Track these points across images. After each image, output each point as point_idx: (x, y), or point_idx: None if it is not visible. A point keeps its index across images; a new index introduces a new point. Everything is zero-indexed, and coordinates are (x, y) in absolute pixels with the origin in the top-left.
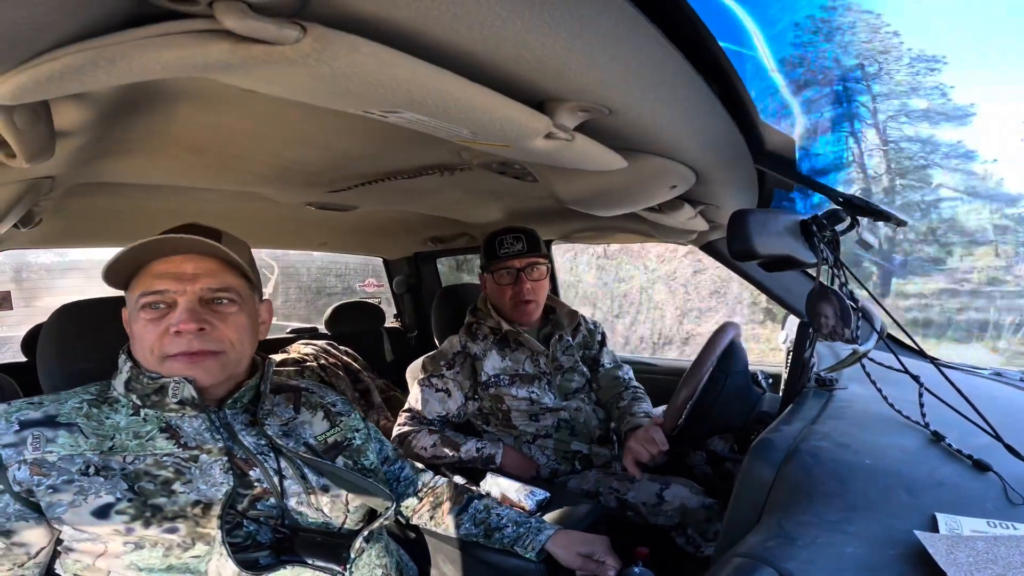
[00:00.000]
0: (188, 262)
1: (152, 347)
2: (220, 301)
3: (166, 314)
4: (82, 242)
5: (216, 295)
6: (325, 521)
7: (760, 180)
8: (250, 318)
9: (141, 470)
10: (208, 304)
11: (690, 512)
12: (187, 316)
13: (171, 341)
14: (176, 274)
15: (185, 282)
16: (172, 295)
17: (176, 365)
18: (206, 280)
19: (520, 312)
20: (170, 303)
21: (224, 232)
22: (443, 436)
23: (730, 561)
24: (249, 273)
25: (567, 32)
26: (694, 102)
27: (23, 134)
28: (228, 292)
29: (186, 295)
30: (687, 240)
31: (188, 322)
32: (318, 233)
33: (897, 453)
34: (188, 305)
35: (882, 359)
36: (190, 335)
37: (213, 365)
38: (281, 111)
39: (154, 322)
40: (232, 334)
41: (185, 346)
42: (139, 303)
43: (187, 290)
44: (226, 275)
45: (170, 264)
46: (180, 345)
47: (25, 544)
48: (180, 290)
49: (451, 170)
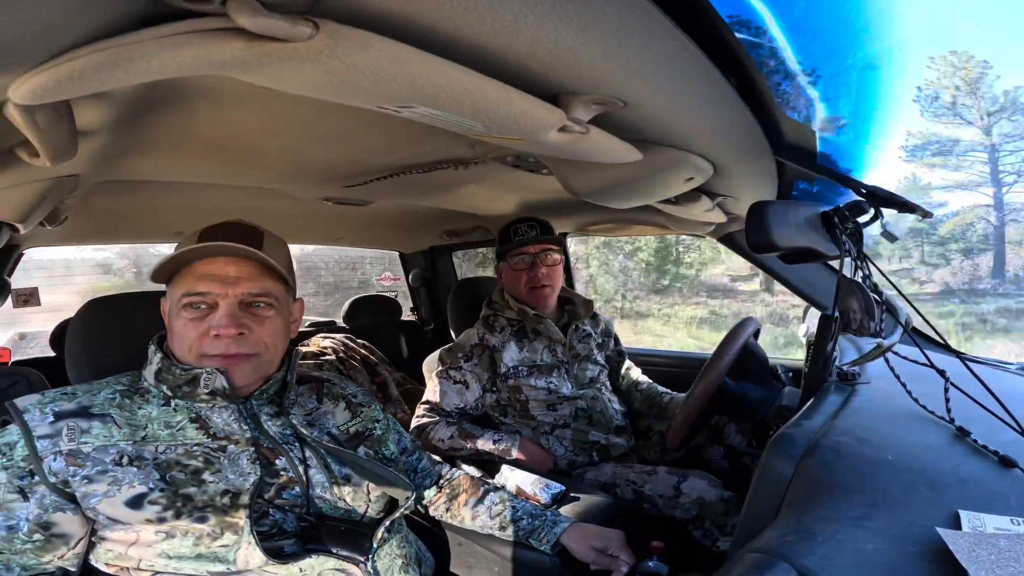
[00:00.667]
0: (231, 265)
1: (191, 345)
2: (258, 305)
3: (207, 315)
4: (106, 239)
5: (255, 299)
6: (347, 510)
7: (779, 171)
8: (284, 320)
9: (172, 460)
10: (247, 308)
11: (708, 505)
12: (228, 321)
13: (211, 342)
14: (219, 277)
15: (227, 285)
16: (214, 297)
17: (214, 364)
18: (247, 284)
19: (536, 297)
20: (211, 304)
21: (266, 231)
22: (460, 428)
23: (746, 556)
24: (287, 277)
25: (580, 25)
26: (710, 94)
27: (46, 134)
28: (267, 296)
29: (227, 298)
30: (705, 232)
31: (228, 327)
32: (335, 228)
33: (921, 449)
34: (229, 309)
35: (907, 353)
36: (229, 339)
37: (248, 367)
38: (297, 107)
39: (195, 322)
40: (268, 338)
41: (223, 348)
42: (181, 302)
43: (228, 293)
44: (265, 280)
45: (213, 266)
46: (219, 347)
47: (64, 535)
48: (222, 293)
49: (465, 164)
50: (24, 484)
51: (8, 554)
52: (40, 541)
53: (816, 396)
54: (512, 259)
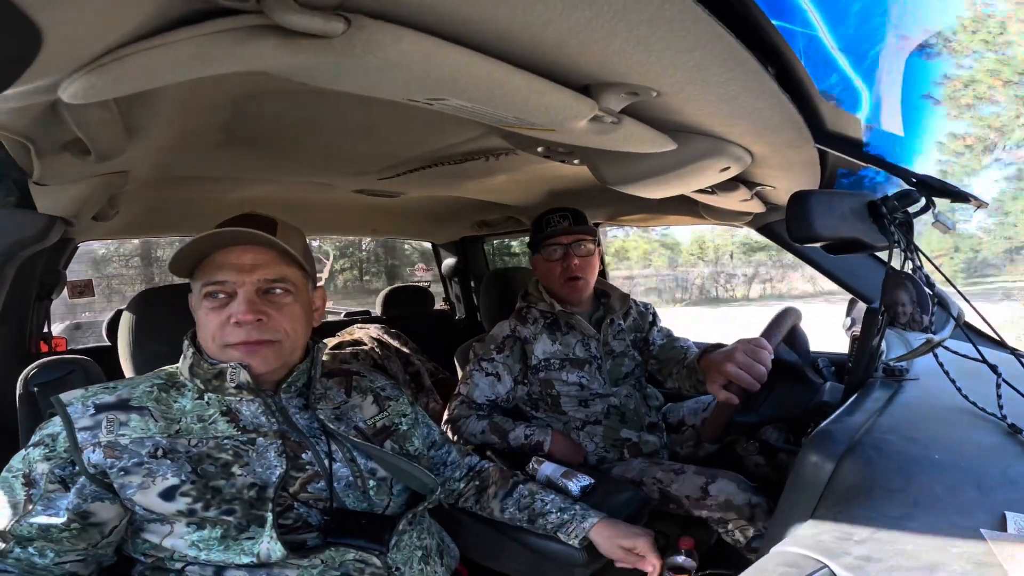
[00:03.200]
0: (247, 253)
1: (214, 335)
2: (275, 291)
3: (226, 303)
4: (152, 232)
5: (272, 285)
6: (371, 504)
7: (822, 160)
8: (304, 307)
9: (204, 452)
10: (265, 294)
11: (735, 508)
12: (246, 307)
13: (231, 331)
14: (236, 265)
15: (244, 273)
16: (232, 285)
17: (235, 353)
18: (263, 271)
19: (570, 289)
20: (230, 293)
21: (280, 221)
22: (492, 423)
23: (779, 554)
24: (303, 263)
25: (611, 15)
26: (747, 82)
27: (95, 132)
28: (284, 283)
29: (245, 286)
30: (743, 223)
31: (247, 313)
32: (369, 219)
33: (969, 448)
34: (247, 296)
35: (957, 348)
36: (249, 325)
37: (269, 354)
38: (331, 102)
39: (215, 311)
40: (287, 324)
41: (244, 336)
42: (202, 292)
43: (245, 281)
44: (282, 266)
45: (230, 255)
46: (240, 335)
47: (100, 524)
48: (239, 281)
49: (496, 155)
50: (66, 474)
51: (43, 541)
52: (76, 529)
53: (860, 392)
54: (545, 249)
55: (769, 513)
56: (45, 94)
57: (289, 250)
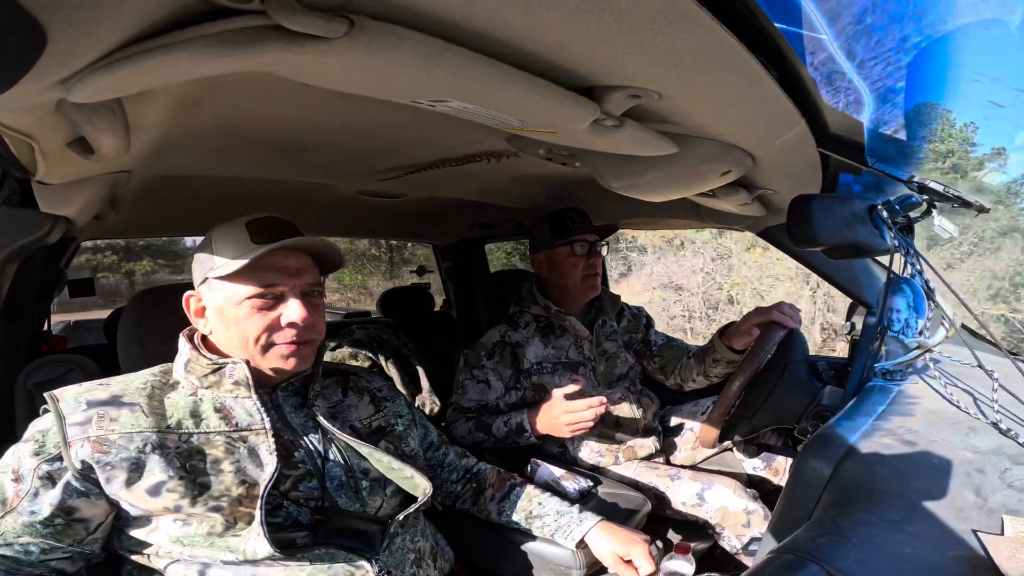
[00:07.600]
0: (291, 257)
1: (259, 336)
2: (314, 294)
3: (273, 306)
4: (153, 231)
5: (312, 288)
6: (363, 505)
7: (824, 164)
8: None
9: (194, 448)
10: (307, 297)
11: (730, 515)
12: (303, 310)
13: (281, 332)
14: (284, 268)
15: (292, 277)
16: (280, 288)
17: (282, 351)
18: (307, 275)
19: (588, 286)
20: (277, 296)
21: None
22: (477, 421)
23: (777, 557)
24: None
25: (614, 18)
26: (749, 86)
27: (100, 131)
28: (320, 286)
29: (294, 289)
30: (743, 226)
31: (305, 316)
32: (370, 220)
33: (967, 452)
34: (300, 299)
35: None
36: (302, 327)
37: (310, 353)
38: (333, 102)
39: (263, 312)
40: (322, 325)
41: (294, 336)
42: (248, 294)
43: (294, 284)
44: (315, 270)
45: (276, 258)
46: (289, 335)
47: (85, 520)
48: (289, 285)
49: (498, 157)
50: (53, 469)
51: (28, 537)
52: (61, 525)
53: (858, 396)
54: (573, 245)
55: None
56: (49, 93)
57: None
